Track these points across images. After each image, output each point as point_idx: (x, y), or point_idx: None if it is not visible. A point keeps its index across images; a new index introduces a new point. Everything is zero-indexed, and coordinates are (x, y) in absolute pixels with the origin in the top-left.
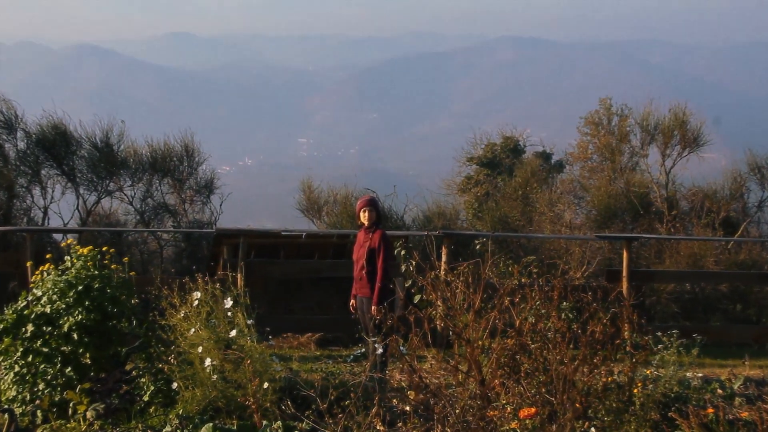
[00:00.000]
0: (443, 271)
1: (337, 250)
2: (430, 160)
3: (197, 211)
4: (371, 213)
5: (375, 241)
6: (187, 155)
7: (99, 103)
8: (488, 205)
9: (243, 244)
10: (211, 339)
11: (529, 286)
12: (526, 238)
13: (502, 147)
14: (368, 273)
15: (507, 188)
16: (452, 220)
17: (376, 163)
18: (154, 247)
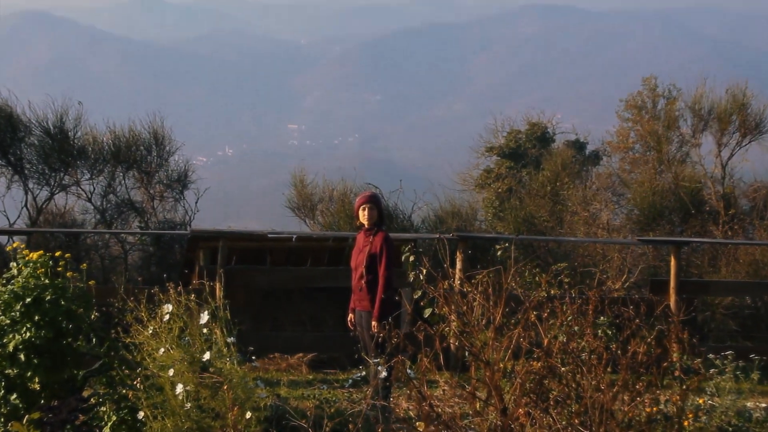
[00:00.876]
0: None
1: (334, 255)
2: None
3: (168, 210)
4: (372, 211)
5: (377, 245)
6: (156, 143)
7: (51, 82)
8: (511, 203)
9: (222, 249)
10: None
11: (559, 298)
12: (556, 242)
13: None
14: (369, 282)
15: (533, 183)
16: (469, 221)
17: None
18: (118, 251)
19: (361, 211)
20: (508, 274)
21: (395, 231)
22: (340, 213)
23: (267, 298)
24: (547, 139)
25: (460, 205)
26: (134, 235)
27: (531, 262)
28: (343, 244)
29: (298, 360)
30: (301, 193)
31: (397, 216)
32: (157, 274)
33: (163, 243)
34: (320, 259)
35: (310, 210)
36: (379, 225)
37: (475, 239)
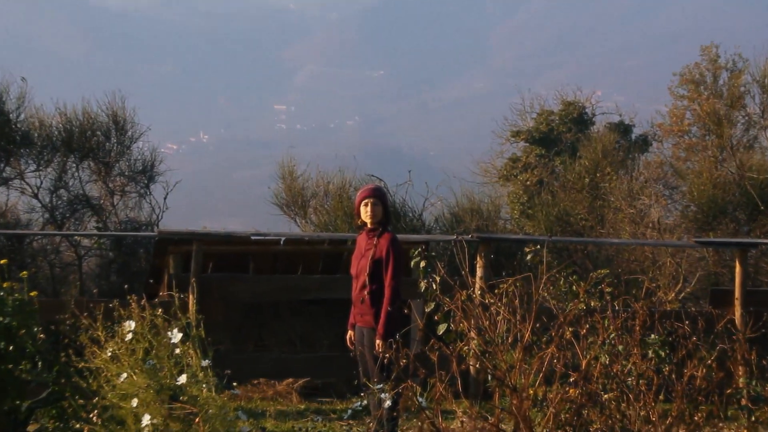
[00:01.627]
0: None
1: (329, 261)
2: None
3: (131, 208)
4: (376, 208)
5: (382, 248)
6: (116, 128)
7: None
8: (542, 198)
9: (196, 254)
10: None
11: (600, 311)
12: (596, 244)
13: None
14: (373, 293)
15: (569, 174)
16: (491, 220)
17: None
18: (70, 257)
19: (363, 207)
20: (539, 283)
21: (403, 232)
22: (337, 210)
23: (250, 312)
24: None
25: (480, 200)
26: (90, 237)
27: (566, 268)
28: (340, 247)
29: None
30: (290, 187)
31: (405, 214)
32: (118, 284)
33: (124, 247)
34: (313, 266)
35: (301, 207)
36: (384, 224)
37: (499, 241)
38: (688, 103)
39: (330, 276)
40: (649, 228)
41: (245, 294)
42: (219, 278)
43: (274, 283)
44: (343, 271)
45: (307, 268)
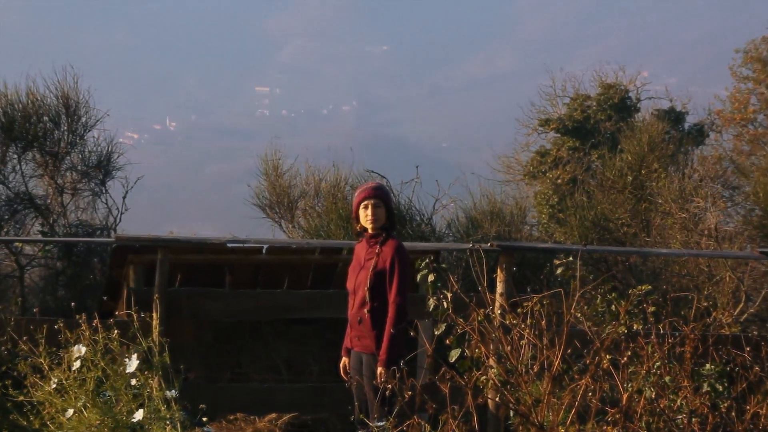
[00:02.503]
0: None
1: (321, 273)
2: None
3: (84, 208)
4: (378, 210)
5: (385, 258)
6: (67, 113)
7: None
8: (576, 200)
9: (162, 264)
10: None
11: (644, 336)
12: (640, 255)
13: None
14: (373, 312)
15: (608, 171)
16: (515, 225)
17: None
18: (9, 267)
19: (362, 209)
20: (571, 301)
21: (409, 239)
22: (330, 213)
23: (225, 334)
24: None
25: (502, 202)
26: (34, 244)
27: (604, 283)
28: (334, 257)
29: (270, 423)
30: (274, 185)
31: (412, 218)
32: (66, 300)
33: (75, 256)
34: (302, 279)
35: (287, 209)
36: (387, 230)
37: (524, 251)
38: (754, 85)
39: (322, 291)
40: (705, 236)
41: (220, 312)
42: (189, 293)
43: (254, 299)
44: (337, 286)
45: (295, 281)
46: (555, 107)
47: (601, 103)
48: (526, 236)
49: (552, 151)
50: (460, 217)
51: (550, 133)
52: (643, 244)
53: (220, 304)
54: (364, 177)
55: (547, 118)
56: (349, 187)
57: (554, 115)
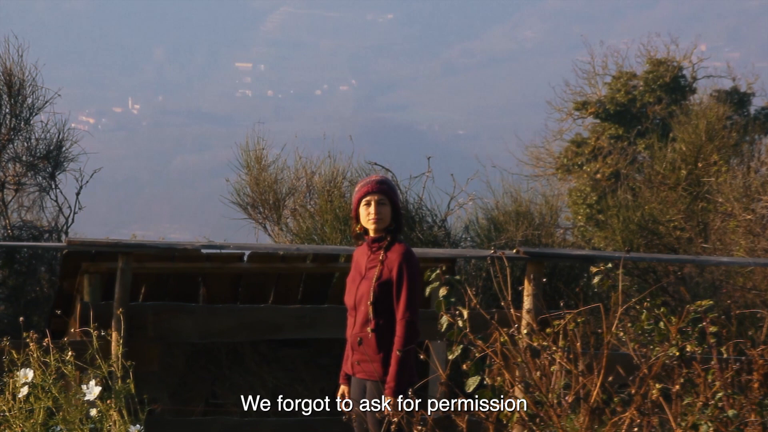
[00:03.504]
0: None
1: (314, 285)
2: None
3: (29, 207)
4: (382, 209)
5: (391, 266)
6: (9, 92)
7: None
8: (618, 198)
9: (123, 273)
10: None
11: (701, 360)
12: (696, 264)
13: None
14: (378, 331)
15: (657, 164)
16: (545, 228)
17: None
18: None
19: (364, 208)
20: (612, 319)
21: (419, 244)
22: (325, 213)
23: (199, 358)
24: (683, 87)
25: (530, 200)
26: None
27: (651, 297)
28: (330, 266)
29: None
30: (258, 180)
31: (422, 219)
32: (9, 317)
33: (18, 263)
34: (290, 292)
35: (273, 208)
36: (393, 232)
37: (556, 259)
38: None
39: (315, 307)
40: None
41: (193, 331)
42: (155, 309)
43: (234, 316)
44: (334, 300)
45: (282, 294)
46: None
47: (650, 82)
48: (559, 242)
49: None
50: (480, 218)
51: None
52: (700, 252)
53: (192, 322)
54: (365, 170)
55: (585, 100)
56: (348, 183)
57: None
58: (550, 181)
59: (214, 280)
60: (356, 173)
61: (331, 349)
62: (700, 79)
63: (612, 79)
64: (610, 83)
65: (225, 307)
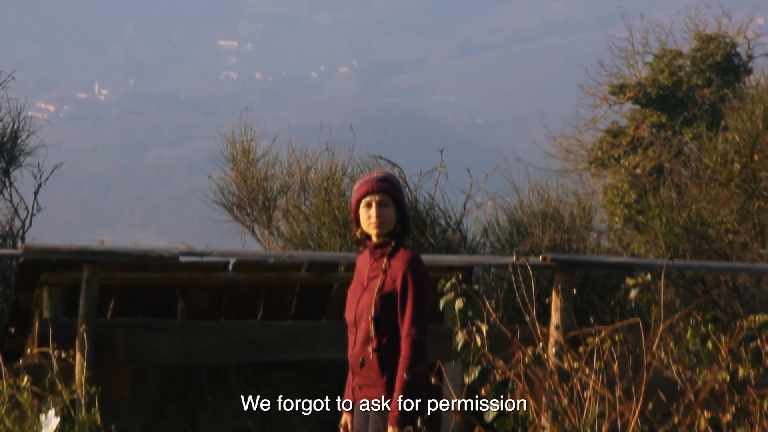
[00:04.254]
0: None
1: (309, 298)
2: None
3: None
4: (386, 210)
5: (396, 275)
6: None
7: None
8: (661, 197)
9: (89, 285)
10: None
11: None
12: (752, 273)
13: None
14: (381, 351)
15: (706, 157)
16: (576, 232)
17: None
18: None
19: (365, 209)
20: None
21: (431, 250)
22: (322, 214)
23: (176, 382)
24: (736, 68)
25: (559, 199)
26: None
27: (699, 311)
28: (327, 276)
29: None
30: (245, 177)
31: (434, 221)
32: None
33: None
34: (282, 307)
35: (262, 209)
36: (399, 237)
37: (589, 267)
38: None
39: (310, 323)
40: None
41: (170, 352)
42: (126, 326)
43: (217, 334)
44: (332, 315)
45: (273, 309)
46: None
47: (698, 62)
48: (592, 247)
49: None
50: (501, 220)
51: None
52: (756, 258)
53: (169, 341)
54: (368, 165)
55: (622, 83)
56: (348, 179)
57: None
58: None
59: (194, 293)
60: (358, 168)
61: (330, 373)
62: (756, 57)
63: (654, 59)
64: (652, 63)
65: (207, 324)
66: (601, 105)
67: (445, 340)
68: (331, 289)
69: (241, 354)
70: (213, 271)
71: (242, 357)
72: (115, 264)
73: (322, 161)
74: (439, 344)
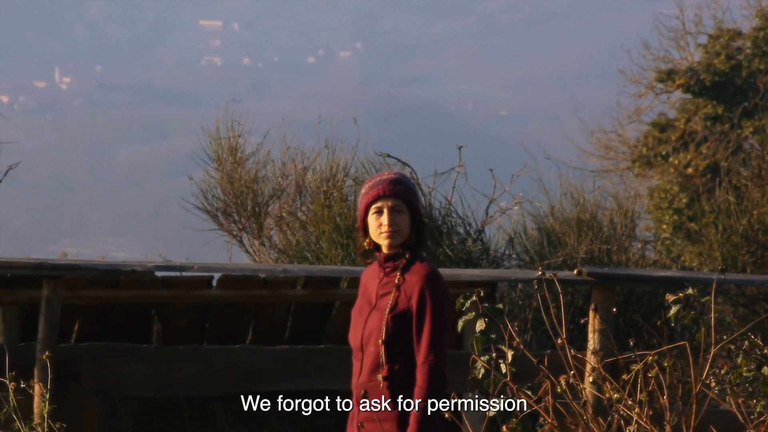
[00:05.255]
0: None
1: (306, 319)
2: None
3: None
4: (398, 218)
5: (409, 293)
6: None
7: None
8: (717, 201)
9: (50, 304)
10: None
11: None
12: None
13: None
14: (392, 380)
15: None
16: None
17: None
18: None
19: (374, 217)
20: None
21: (448, 263)
22: (321, 222)
23: (153, 417)
24: None
25: (597, 204)
26: None
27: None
28: (327, 293)
29: None
30: (231, 178)
31: (452, 229)
32: None
33: None
34: (275, 329)
35: (252, 216)
36: (413, 248)
37: (632, 282)
38: None
39: (308, 348)
40: None
41: (144, 382)
42: (94, 352)
43: (199, 361)
44: (333, 339)
45: (264, 332)
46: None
47: (760, 43)
48: (636, 259)
49: (678, 122)
50: (529, 228)
51: (675, 94)
52: None
53: (143, 370)
54: (375, 165)
55: (671, 68)
56: (351, 181)
57: (682, 64)
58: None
59: (172, 313)
60: (363, 169)
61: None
62: None
63: (708, 40)
64: (706, 45)
65: (187, 350)
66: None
67: (464, 367)
68: (331, 309)
69: (228, 384)
70: (194, 288)
71: (229, 388)
72: (80, 280)
73: (321, 160)
74: (456, 372)
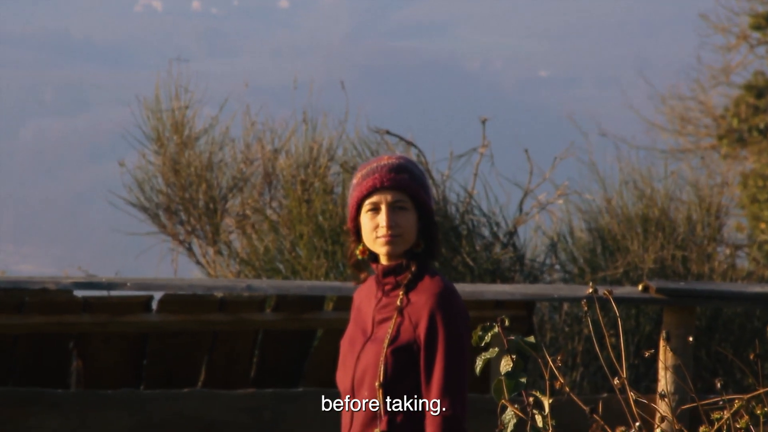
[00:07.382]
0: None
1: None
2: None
3: None
4: (401, 215)
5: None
6: None
7: None
8: None
9: None
10: None
11: None
12: None
13: None
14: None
15: None
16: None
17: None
18: None
19: (369, 216)
20: None
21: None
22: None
23: None
24: None
25: (669, 197)
26: None
27: None
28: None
29: None
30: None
31: (474, 231)
32: None
33: None
34: (237, 366)
35: (203, 214)
36: (421, 259)
37: (717, 301)
38: None
39: (280, 391)
40: None
41: None
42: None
43: (134, 410)
44: (313, 380)
45: (221, 370)
46: None
47: None
48: (724, 270)
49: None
50: (578, 228)
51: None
52: None
53: (59, 423)
54: (369, 145)
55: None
56: (339, 167)
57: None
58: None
59: (97, 346)
60: (354, 151)
61: None
62: None
63: None
64: None
65: (118, 395)
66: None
67: (491, 416)
68: (312, 339)
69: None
70: (127, 312)
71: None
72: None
73: (297, 139)
74: (478, 420)
